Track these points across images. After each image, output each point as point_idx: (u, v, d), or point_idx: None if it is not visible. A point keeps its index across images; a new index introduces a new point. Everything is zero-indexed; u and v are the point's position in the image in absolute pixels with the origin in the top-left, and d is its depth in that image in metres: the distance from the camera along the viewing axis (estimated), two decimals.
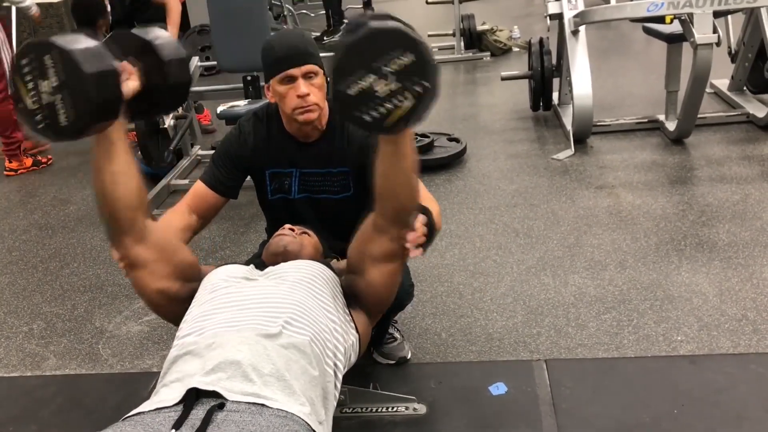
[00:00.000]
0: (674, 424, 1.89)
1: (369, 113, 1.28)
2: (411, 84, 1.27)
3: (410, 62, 1.25)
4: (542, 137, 4.44)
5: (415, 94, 1.28)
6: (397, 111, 1.28)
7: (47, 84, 1.32)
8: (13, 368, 2.47)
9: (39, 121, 1.37)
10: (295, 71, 1.89)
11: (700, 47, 3.53)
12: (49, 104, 1.33)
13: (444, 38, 7.26)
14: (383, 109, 1.28)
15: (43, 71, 1.32)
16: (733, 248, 2.81)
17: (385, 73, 1.25)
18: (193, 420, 1.21)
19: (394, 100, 1.27)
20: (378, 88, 1.25)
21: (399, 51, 1.25)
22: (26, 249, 3.47)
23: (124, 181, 1.53)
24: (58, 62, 1.30)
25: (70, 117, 1.33)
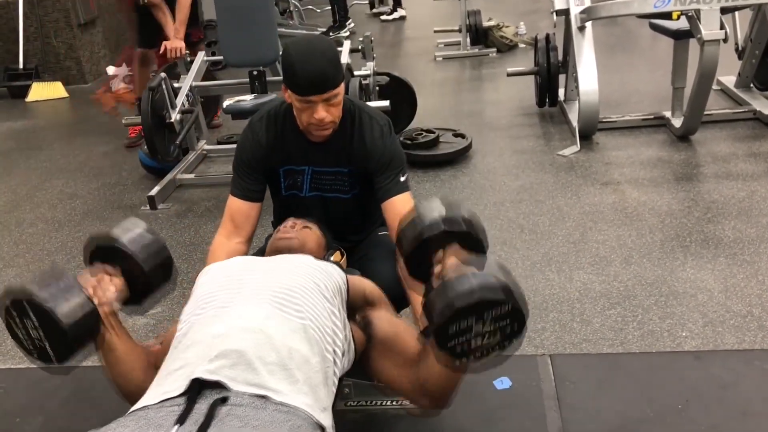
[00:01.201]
0: (679, 419, 1.90)
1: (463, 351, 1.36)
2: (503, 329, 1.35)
3: (507, 311, 1.34)
4: (548, 133, 4.44)
5: (504, 334, 1.36)
6: (485, 350, 1.37)
7: (31, 323, 1.44)
8: (20, 360, 2.48)
9: (34, 355, 1.50)
10: (315, 98, 1.87)
11: (707, 44, 3.52)
12: (37, 339, 1.46)
13: (450, 34, 7.25)
14: (474, 346, 1.36)
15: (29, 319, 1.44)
16: (739, 245, 2.81)
17: (485, 319, 1.33)
18: (197, 415, 1.21)
19: (486, 339, 1.35)
20: (475, 329, 1.34)
21: (501, 304, 1.33)
22: (33, 242, 3.48)
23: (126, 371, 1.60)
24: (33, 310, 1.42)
25: (55, 352, 1.47)
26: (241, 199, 2.09)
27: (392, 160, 2.01)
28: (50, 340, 1.45)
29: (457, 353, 1.37)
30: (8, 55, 6.93)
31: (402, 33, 8.44)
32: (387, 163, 2.00)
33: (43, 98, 6.61)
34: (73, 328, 1.43)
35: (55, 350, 1.46)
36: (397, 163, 2.02)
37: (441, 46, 7.31)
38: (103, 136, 5.22)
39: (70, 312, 1.43)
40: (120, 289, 1.60)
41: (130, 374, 1.60)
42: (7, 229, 3.66)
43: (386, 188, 2.00)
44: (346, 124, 2.02)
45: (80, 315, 1.45)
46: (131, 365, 1.61)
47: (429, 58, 6.94)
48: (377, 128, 2.02)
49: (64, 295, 1.45)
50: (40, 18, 6.83)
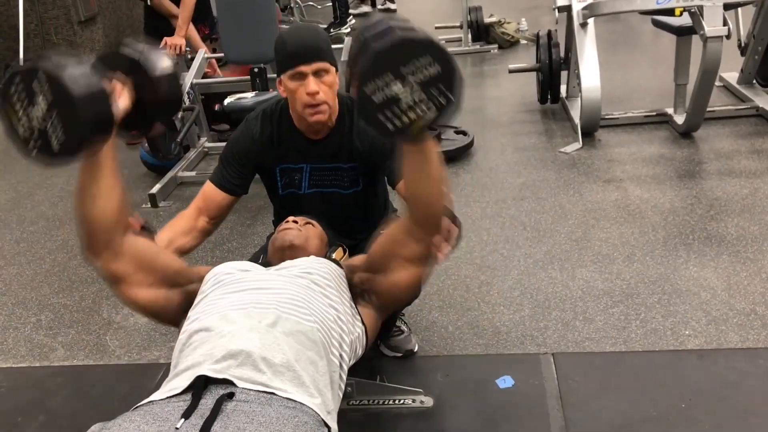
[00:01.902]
0: (682, 418, 1.89)
1: (391, 121, 1.28)
2: (435, 95, 1.27)
3: (436, 73, 1.25)
4: (550, 130, 4.43)
5: (438, 106, 1.28)
6: (419, 121, 1.29)
7: (37, 110, 1.31)
8: (21, 359, 2.48)
9: (32, 148, 1.36)
10: (305, 68, 1.87)
11: (710, 40, 3.50)
12: (41, 130, 1.32)
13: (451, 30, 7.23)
14: (405, 118, 1.28)
15: (31, 98, 1.30)
16: (742, 242, 2.80)
17: (411, 82, 1.25)
18: (203, 410, 1.21)
19: (417, 110, 1.28)
20: (402, 96, 1.26)
21: (427, 61, 1.25)
22: (34, 240, 3.48)
23: (104, 203, 1.52)
24: (46, 87, 1.29)
25: (61, 141, 1.32)
26: (216, 187, 2.08)
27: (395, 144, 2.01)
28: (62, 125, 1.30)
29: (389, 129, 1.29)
30: (8, 51, 6.92)
31: None
32: (391, 149, 1.99)
33: None
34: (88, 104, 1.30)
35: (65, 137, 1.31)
36: None
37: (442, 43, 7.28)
38: None
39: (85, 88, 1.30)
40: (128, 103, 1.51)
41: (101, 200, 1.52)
42: (8, 227, 3.66)
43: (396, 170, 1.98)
44: (343, 119, 2.02)
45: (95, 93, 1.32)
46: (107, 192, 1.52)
47: None
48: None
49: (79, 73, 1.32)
50: (41, 15, 6.81)
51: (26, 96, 1.30)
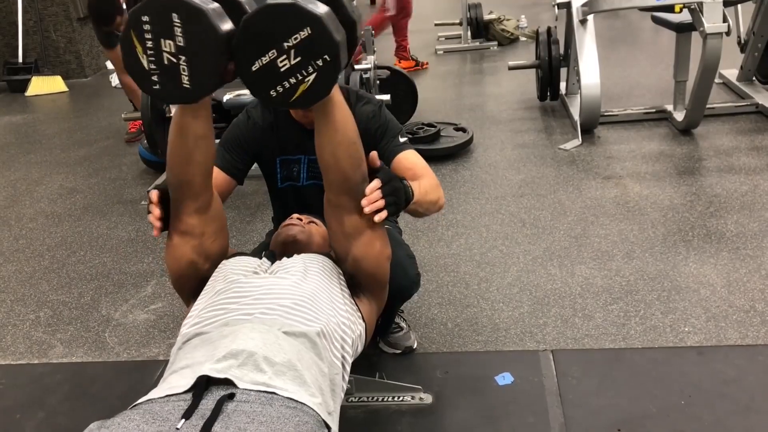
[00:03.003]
0: (681, 415, 1.89)
1: (274, 89, 1.28)
2: (312, 58, 1.26)
3: (308, 36, 1.24)
4: (549, 127, 4.42)
5: (316, 68, 1.27)
6: (302, 86, 1.28)
7: (171, 44, 1.25)
8: (20, 356, 2.47)
9: (155, 82, 1.30)
10: None
11: (710, 36, 3.50)
12: (171, 66, 1.26)
13: (451, 27, 7.23)
14: (287, 83, 1.28)
15: (168, 30, 1.24)
16: (742, 239, 2.80)
17: (286, 48, 1.24)
18: (203, 410, 1.20)
19: (297, 74, 1.27)
20: (280, 63, 1.25)
21: (296, 26, 1.24)
22: (33, 237, 3.48)
23: (206, 146, 1.51)
24: (187, 22, 1.24)
25: (194, 81, 1.28)
26: (220, 169, 2.01)
27: (387, 128, 2.01)
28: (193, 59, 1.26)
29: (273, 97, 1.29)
30: (7, 49, 6.92)
31: None
32: (383, 132, 1.99)
33: (43, 92, 6.59)
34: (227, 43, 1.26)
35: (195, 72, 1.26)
36: (394, 129, 2.02)
37: (442, 40, 7.29)
38: (103, 130, 5.21)
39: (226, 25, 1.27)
40: None
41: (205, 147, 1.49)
42: (7, 224, 3.65)
43: (388, 150, 1.98)
44: None
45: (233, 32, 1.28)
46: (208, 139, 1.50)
47: (430, 51, 6.92)
48: (369, 107, 2.02)
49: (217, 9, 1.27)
50: (39, 12, 6.81)
51: (162, 28, 1.25)
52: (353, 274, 1.68)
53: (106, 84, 6.68)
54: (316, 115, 1.47)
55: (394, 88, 4.18)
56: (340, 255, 1.67)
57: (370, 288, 1.71)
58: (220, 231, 1.67)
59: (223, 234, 1.69)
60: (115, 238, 3.36)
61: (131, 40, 1.27)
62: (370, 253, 1.63)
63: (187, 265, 1.64)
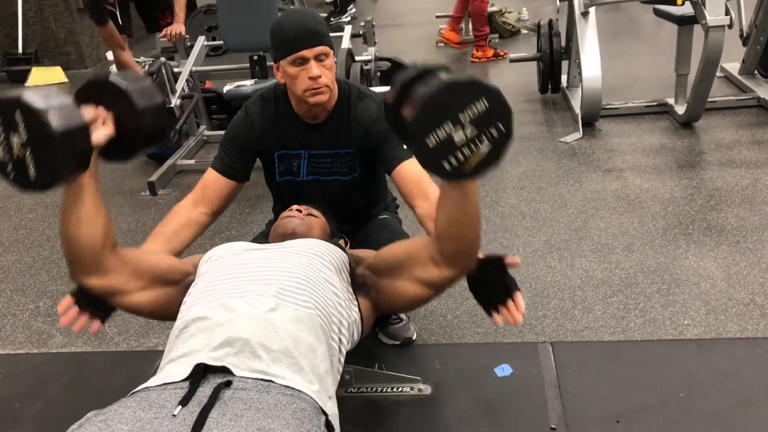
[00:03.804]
0: (680, 407, 1.89)
1: (448, 161, 1.30)
2: (487, 129, 1.29)
3: (486, 109, 1.28)
4: (550, 120, 4.42)
5: (491, 139, 1.30)
6: (475, 157, 1.30)
7: (17, 138, 1.32)
8: (19, 345, 2.48)
9: (9, 172, 1.37)
10: (307, 53, 1.85)
11: (712, 29, 3.49)
12: (19, 158, 1.34)
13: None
14: (461, 155, 1.30)
15: (13, 126, 1.32)
16: (742, 232, 2.80)
17: (462, 121, 1.27)
18: (200, 397, 1.21)
19: (471, 146, 1.29)
20: (455, 135, 1.28)
21: (475, 99, 1.27)
22: (32, 227, 3.47)
23: (89, 226, 1.51)
24: (27, 119, 1.31)
25: (38, 172, 1.34)
26: (218, 173, 2.05)
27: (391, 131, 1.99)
28: (36, 154, 1.32)
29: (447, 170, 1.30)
30: (7, 39, 6.89)
31: (403, 18, 8.39)
32: (387, 136, 1.95)
33: (43, 83, 6.57)
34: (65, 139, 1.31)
35: (39, 167, 1.33)
36: None
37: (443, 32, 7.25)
38: None
39: (64, 121, 1.31)
40: (110, 132, 1.48)
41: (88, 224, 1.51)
42: (7, 215, 3.65)
43: (392, 156, 1.95)
44: (341, 105, 2.00)
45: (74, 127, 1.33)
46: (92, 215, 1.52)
47: (431, 43, 6.89)
48: (373, 105, 2.00)
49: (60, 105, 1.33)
50: (39, 2, 6.78)
51: (8, 123, 1.32)
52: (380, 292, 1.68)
53: None
54: (453, 188, 1.44)
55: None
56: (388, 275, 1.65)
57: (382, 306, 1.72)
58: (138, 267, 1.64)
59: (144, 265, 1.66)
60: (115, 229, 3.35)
61: None
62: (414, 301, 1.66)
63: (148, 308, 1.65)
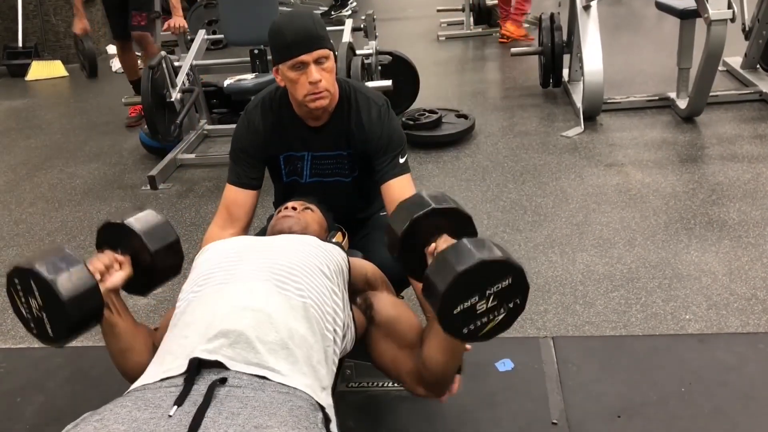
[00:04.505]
0: (682, 402, 1.89)
1: (467, 326, 1.36)
2: (506, 302, 1.37)
3: (509, 285, 1.35)
4: (552, 114, 4.41)
5: (507, 310, 1.38)
6: (491, 324, 1.38)
7: (34, 301, 1.42)
8: (20, 339, 2.48)
9: (32, 328, 1.47)
10: (306, 57, 1.83)
11: (714, 23, 3.48)
12: (38, 318, 1.44)
13: (453, 13, 7.19)
14: (479, 323, 1.36)
15: (30, 291, 1.42)
16: (744, 227, 2.79)
17: (487, 294, 1.34)
18: (195, 396, 1.20)
19: (490, 315, 1.36)
20: (478, 306, 1.35)
21: (501, 275, 1.34)
22: (33, 222, 3.47)
23: (132, 357, 1.60)
24: (39, 286, 1.40)
25: (54, 332, 1.44)
26: (238, 187, 2.05)
27: (390, 141, 1.97)
28: (50, 317, 1.43)
29: (463, 333, 1.37)
30: (7, 33, 6.88)
31: (405, 12, 8.37)
32: (386, 145, 1.96)
33: (43, 77, 6.57)
34: (74, 304, 1.40)
35: (54, 328, 1.44)
36: (396, 144, 1.98)
37: (444, 26, 7.25)
38: (104, 115, 5.19)
39: (72, 288, 1.40)
40: (127, 274, 1.59)
41: (130, 353, 1.60)
42: (7, 209, 3.65)
43: (384, 170, 1.97)
44: (342, 106, 1.99)
45: (82, 292, 1.42)
46: (131, 344, 1.60)
47: (432, 37, 6.88)
48: (375, 109, 1.98)
49: (68, 271, 1.42)
50: None
51: (26, 288, 1.43)
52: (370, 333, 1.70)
53: (106, 69, 6.65)
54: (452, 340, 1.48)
55: (395, 74, 4.16)
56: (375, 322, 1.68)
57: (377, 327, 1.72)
58: None
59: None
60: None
61: (11, 293, 1.47)
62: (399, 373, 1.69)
63: None
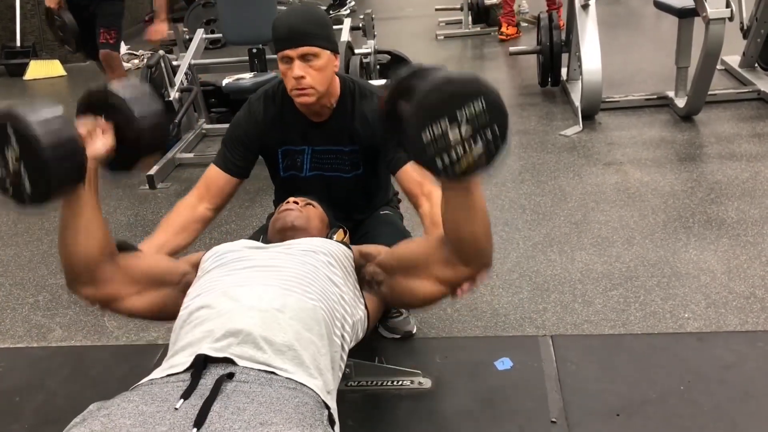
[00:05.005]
0: (681, 400, 1.89)
1: (441, 158, 1.28)
2: (482, 130, 1.27)
3: (482, 109, 1.26)
4: (550, 113, 4.41)
5: (485, 141, 1.28)
6: (468, 157, 1.29)
7: (11, 152, 1.32)
8: (19, 339, 2.47)
9: (7, 189, 1.37)
10: (290, 52, 1.86)
11: (713, 22, 3.48)
12: (15, 172, 1.34)
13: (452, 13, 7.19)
14: (455, 154, 1.28)
15: (7, 140, 1.32)
16: (742, 225, 2.79)
17: (459, 119, 1.25)
18: (202, 390, 1.20)
19: (466, 146, 1.28)
20: (451, 133, 1.26)
21: (473, 98, 1.25)
22: (31, 221, 3.46)
23: (87, 239, 1.52)
24: (17, 132, 1.31)
25: (32, 187, 1.34)
26: (221, 170, 2.06)
27: None
28: (30, 173, 1.32)
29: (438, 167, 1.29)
30: (5, 32, 6.88)
31: (403, 11, 8.37)
32: None
33: (41, 76, 6.56)
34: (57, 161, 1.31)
35: (34, 186, 1.33)
36: None
37: (442, 25, 7.25)
38: None
39: (57, 144, 1.32)
40: (110, 143, 1.50)
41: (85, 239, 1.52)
42: (5, 208, 3.64)
43: (397, 158, 1.96)
44: (345, 102, 2.00)
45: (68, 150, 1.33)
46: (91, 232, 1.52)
47: (430, 36, 6.88)
48: (378, 101, 1.99)
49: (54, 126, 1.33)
50: None
51: (3, 138, 1.32)
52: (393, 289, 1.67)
53: None
54: (456, 190, 1.43)
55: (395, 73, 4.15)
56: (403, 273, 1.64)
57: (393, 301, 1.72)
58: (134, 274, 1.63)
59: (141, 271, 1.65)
60: (114, 223, 3.35)
61: None
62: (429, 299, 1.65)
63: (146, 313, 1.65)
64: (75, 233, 1.51)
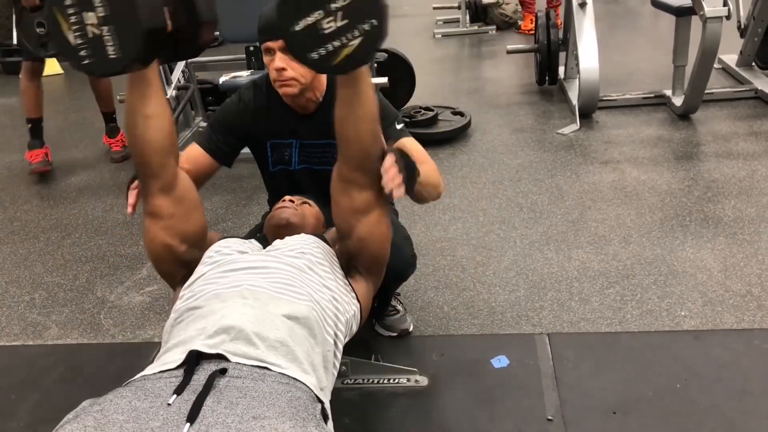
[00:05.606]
0: (677, 398, 1.89)
1: (316, 51, 1.25)
2: (358, 21, 1.23)
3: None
4: (548, 111, 4.41)
5: (362, 32, 1.24)
6: (345, 49, 1.25)
7: (93, 16, 1.26)
8: (15, 337, 2.47)
9: (84, 57, 1.30)
10: (272, 44, 1.85)
11: (710, 21, 3.48)
12: (96, 37, 1.27)
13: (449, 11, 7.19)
14: (330, 46, 1.24)
15: (88, 3, 1.26)
16: (739, 224, 2.80)
17: (332, 9, 1.21)
18: (195, 385, 1.20)
19: (342, 37, 1.24)
20: (324, 24, 1.22)
21: None
22: (28, 219, 3.46)
23: (157, 124, 1.51)
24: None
25: (119, 48, 1.28)
26: (203, 149, 2.01)
27: (384, 113, 1.97)
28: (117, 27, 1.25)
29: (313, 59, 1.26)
30: (1, 30, 6.85)
31: (400, 10, 8.36)
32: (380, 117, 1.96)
33: None
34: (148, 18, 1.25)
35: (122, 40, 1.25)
36: (389, 114, 1.97)
37: (440, 24, 7.25)
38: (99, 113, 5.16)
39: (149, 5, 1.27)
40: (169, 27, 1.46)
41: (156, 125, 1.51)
42: (2, 206, 3.63)
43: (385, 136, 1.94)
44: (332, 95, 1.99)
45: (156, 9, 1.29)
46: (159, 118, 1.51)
47: (428, 35, 6.88)
48: None
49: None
50: None
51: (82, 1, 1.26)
52: (355, 254, 1.66)
53: None
54: (343, 87, 1.44)
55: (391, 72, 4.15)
56: (345, 232, 1.64)
57: (368, 268, 1.69)
58: (191, 211, 1.64)
59: (196, 214, 1.66)
60: (110, 221, 3.34)
61: (55, 17, 1.28)
62: (376, 233, 1.62)
63: (162, 248, 1.63)
64: (147, 115, 1.50)
